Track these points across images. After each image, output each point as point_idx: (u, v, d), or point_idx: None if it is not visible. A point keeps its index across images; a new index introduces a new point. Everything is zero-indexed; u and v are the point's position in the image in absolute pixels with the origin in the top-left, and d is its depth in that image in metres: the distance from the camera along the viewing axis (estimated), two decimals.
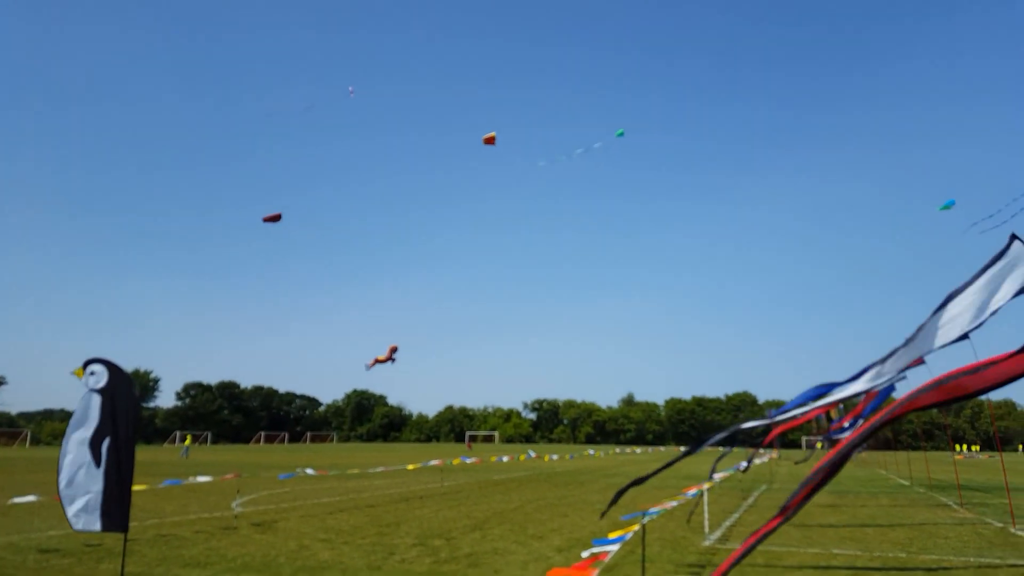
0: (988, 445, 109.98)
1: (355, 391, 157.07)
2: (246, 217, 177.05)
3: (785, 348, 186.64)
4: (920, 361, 14.92)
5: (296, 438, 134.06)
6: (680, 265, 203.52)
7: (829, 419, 21.81)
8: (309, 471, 19.60)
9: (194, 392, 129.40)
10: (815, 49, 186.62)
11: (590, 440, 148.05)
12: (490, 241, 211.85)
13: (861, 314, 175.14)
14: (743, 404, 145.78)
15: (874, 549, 10.41)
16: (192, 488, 19.55)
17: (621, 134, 23.33)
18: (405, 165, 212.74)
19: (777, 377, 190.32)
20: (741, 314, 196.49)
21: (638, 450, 70.74)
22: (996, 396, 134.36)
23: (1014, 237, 10.32)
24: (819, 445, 36.45)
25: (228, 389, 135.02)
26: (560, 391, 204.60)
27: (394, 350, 16.47)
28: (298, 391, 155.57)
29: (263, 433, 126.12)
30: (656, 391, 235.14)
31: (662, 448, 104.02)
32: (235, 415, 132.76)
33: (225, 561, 9.03)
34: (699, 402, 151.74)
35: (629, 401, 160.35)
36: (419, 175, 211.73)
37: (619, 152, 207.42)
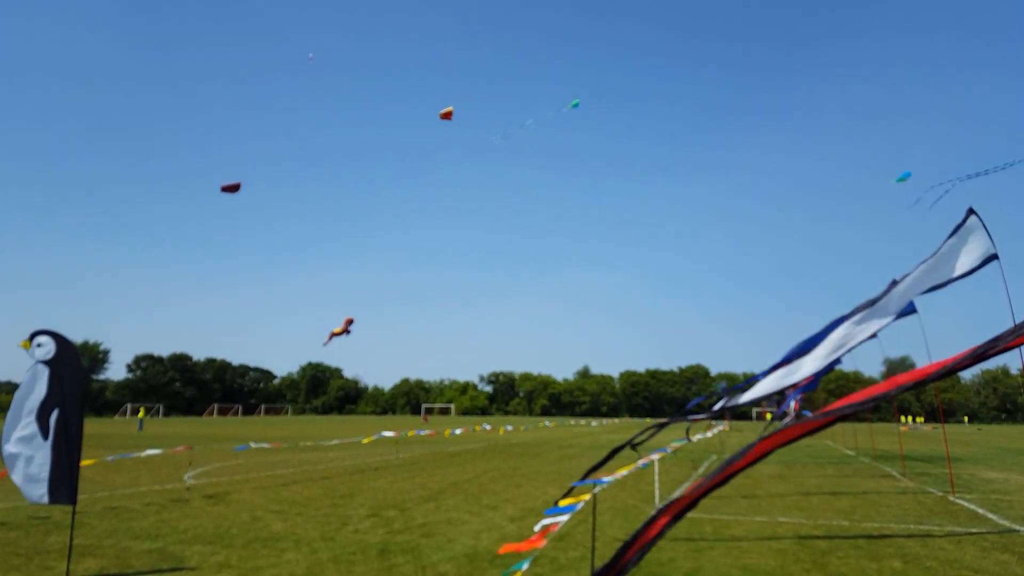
0: (932, 417, 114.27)
1: (310, 364, 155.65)
2: (198, 184, 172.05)
3: (736, 321, 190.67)
4: (873, 335, 15.33)
5: (250, 411, 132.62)
6: (636, 239, 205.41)
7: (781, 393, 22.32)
8: (264, 444, 19.38)
9: (145, 364, 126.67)
10: (773, 30, 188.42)
11: (546, 412, 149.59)
12: (447, 212, 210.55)
13: (811, 288, 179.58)
14: (696, 376, 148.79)
15: (818, 517, 10.70)
16: (143, 461, 19.12)
17: (576, 104, 23.16)
18: (363, 131, 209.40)
19: (728, 350, 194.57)
20: (695, 288, 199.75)
21: (593, 422, 71.70)
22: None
23: (971, 211, 10.60)
24: (767, 416, 37.54)
25: (180, 361, 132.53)
26: (517, 364, 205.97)
27: (350, 322, 16.25)
28: (252, 364, 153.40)
29: (216, 406, 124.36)
30: (611, 364, 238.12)
31: (616, 420, 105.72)
32: (188, 387, 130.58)
33: (176, 533, 8.87)
34: (653, 374, 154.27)
35: (585, 373, 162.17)
36: (376, 142, 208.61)
37: (579, 126, 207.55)
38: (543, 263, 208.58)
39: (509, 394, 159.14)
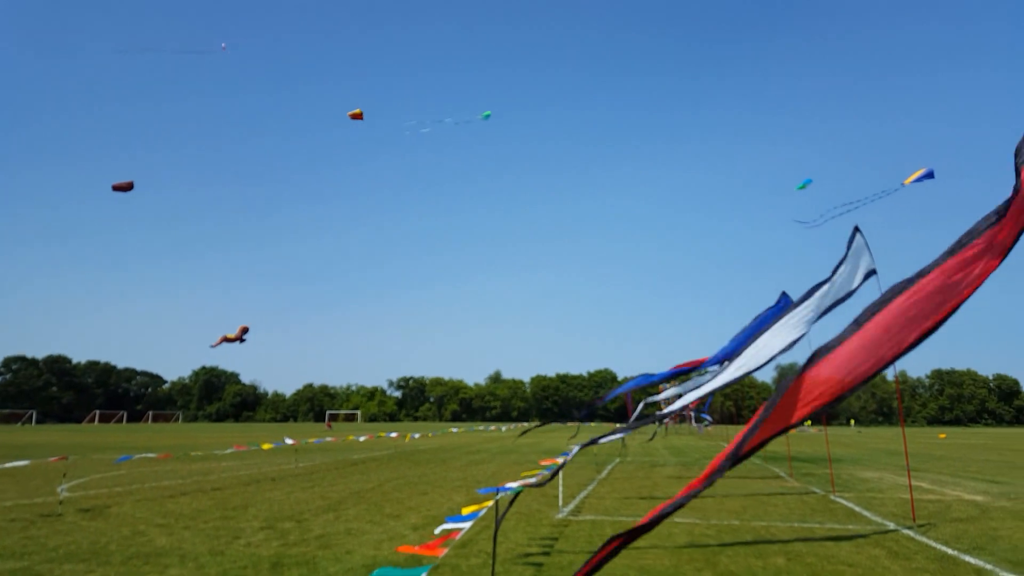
0: (817, 420, 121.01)
1: (203, 368, 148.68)
2: (82, 175, 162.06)
3: (642, 326, 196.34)
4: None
5: (136, 418, 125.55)
6: (549, 245, 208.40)
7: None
8: (149, 454, 18.35)
9: (16, 366, 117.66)
10: (679, 53, 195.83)
11: (456, 418, 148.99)
12: (355, 214, 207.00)
13: (715, 296, 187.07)
14: (604, 381, 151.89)
15: (711, 517, 11.11)
16: (8, 473, 17.76)
17: (487, 116, 23.27)
18: (265, 129, 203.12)
19: (634, 354, 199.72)
20: (603, 294, 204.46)
21: (503, 427, 71.97)
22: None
23: (856, 230, 11.32)
24: (665, 422, 38.74)
25: (57, 364, 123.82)
26: (427, 369, 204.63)
27: (244, 331, 15.62)
28: (139, 367, 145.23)
29: (98, 412, 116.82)
30: (522, 368, 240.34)
31: (526, 424, 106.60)
32: (65, 392, 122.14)
33: (45, 551, 8.24)
34: (563, 379, 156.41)
35: (496, 378, 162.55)
36: (279, 141, 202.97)
37: (493, 130, 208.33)
38: (456, 268, 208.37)
39: (419, 399, 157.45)
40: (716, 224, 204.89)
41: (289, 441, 21.44)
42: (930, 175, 14.52)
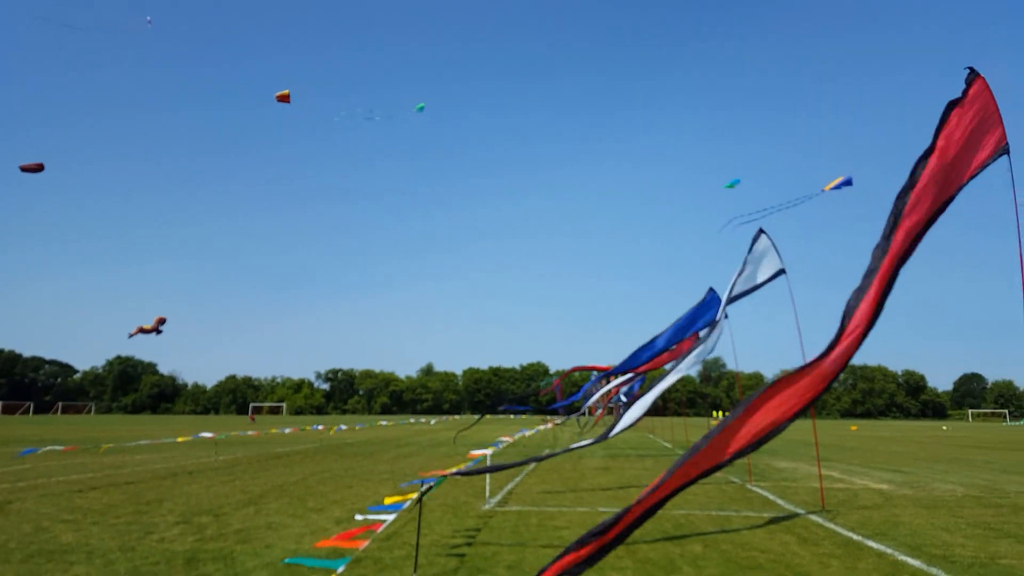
0: None
1: (118, 357, 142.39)
2: None
3: (574, 321, 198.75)
4: (696, 337, 16.54)
5: (45, 409, 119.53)
6: (479, 239, 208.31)
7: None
8: (56, 446, 17.47)
9: None
10: (623, 51, 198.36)
11: (386, 411, 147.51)
12: (284, 201, 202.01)
13: (648, 290, 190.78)
14: (536, 374, 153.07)
15: None
16: None
17: (421, 108, 23.08)
18: (188, 105, 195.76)
19: (566, 347, 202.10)
20: (536, 288, 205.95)
21: (432, 420, 71.71)
22: (746, 367, 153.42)
23: (761, 231, 11.79)
24: (589, 412, 39.31)
25: None
26: (356, 361, 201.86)
27: (161, 321, 15.10)
28: (48, 355, 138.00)
29: (1, 403, 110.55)
30: (455, 361, 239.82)
31: (457, 416, 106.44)
32: None
33: None
34: (495, 372, 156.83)
35: (428, 371, 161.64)
36: (202, 119, 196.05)
37: (427, 125, 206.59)
38: (389, 260, 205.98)
39: (348, 392, 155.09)
40: (651, 220, 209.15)
41: (207, 435, 20.76)
42: (848, 182, 15.19)
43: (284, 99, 16.95)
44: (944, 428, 71.88)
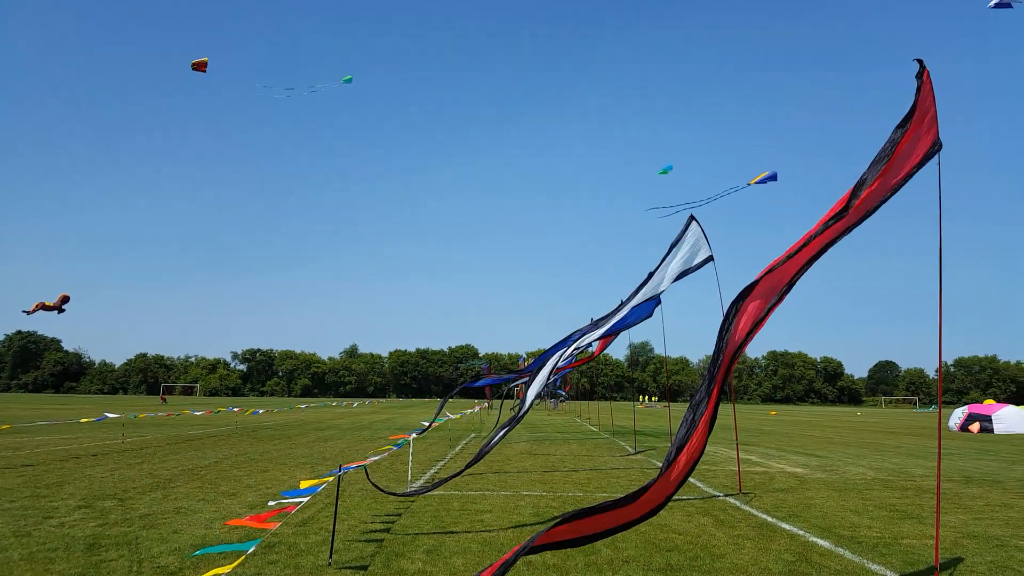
0: (665, 396, 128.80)
1: (18, 332, 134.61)
2: None
3: (503, 304, 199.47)
4: (613, 337, 16.65)
5: None
6: (410, 219, 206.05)
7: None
8: None
9: None
10: (541, 37, 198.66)
11: (307, 393, 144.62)
12: (199, 175, 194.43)
13: (572, 277, 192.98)
14: (465, 356, 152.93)
15: (558, 490, 11.39)
16: None
17: (349, 80, 22.49)
18: (92, 78, 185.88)
19: (495, 331, 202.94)
20: (464, 270, 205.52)
21: (355, 403, 70.68)
22: (672, 352, 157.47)
23: (692, 217, 11.94)
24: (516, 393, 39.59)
25: None
26: (276, 341, 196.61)
27: (65, 299, 14.24)
28: None
29: None
30: (380, 343, 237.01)
31: (382, 400, 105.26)
32: None
33: None
34: (423, 354, 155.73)
35: (352, 353, 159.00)
36: (104, 90, 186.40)
37: (358, 96, 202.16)
38: (312, 239, 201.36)
39: (267, 373, 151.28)
40: (580, 208, 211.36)
41: (113, 415, 19.73)
42: (773, 177, 15.60)
43: (200, 67, 16.15)
44: (858, 414, 75.66)
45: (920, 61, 5.27)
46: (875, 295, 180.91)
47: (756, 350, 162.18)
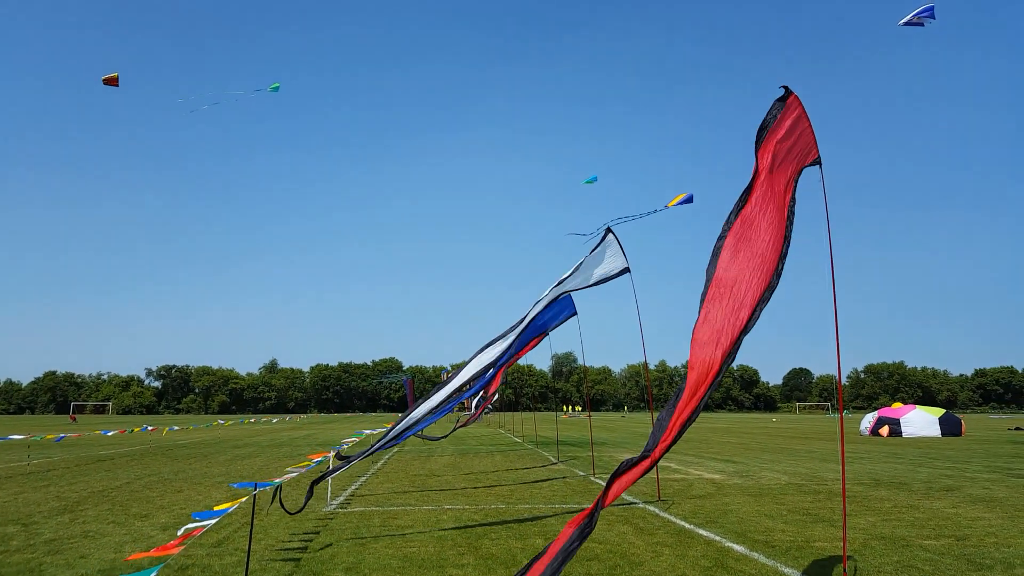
0: (585, 406, 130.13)
1: None
2: None
3: (427, 316, 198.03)
4: (544, 336, 16.83)
5: None
6: (329, 231, 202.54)
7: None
8: None
9: None
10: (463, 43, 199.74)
11: (225, 410, 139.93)
12: (107, 185, 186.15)
13: (494, 287, 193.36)
14: (389, 370, 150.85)
15: (480, 503, 11.42)
16: None
17: (276, 88, 22.10)
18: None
19: (421, 344, 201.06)
20: (387, 283, 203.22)
21: (274, 419, 68.76)
22: (593, 363, 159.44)
23: (609, 230, 12.25)
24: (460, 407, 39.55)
25: None
26: (192, 357, 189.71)
27: None
28: None
29: None
30: (301, 357, 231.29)
31: (303, 416, 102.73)
32: None
33: None
34: (345, 368, 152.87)
35: (272, 368, 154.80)
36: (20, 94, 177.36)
37: (273, 100, 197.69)
38: (227, 250, 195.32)
39: (183, 390, 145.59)
40: (503, 217, 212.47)
41: (18, 437, 18.68)
42: (689, 199, 16.15)
43: (112, 82, 15.77)
44: (774, 420, 78.32)
45: (786, 87, 5.63)
46: (789, 304, 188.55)
47: (675, 358, 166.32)
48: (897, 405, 39.01)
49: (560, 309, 13.74)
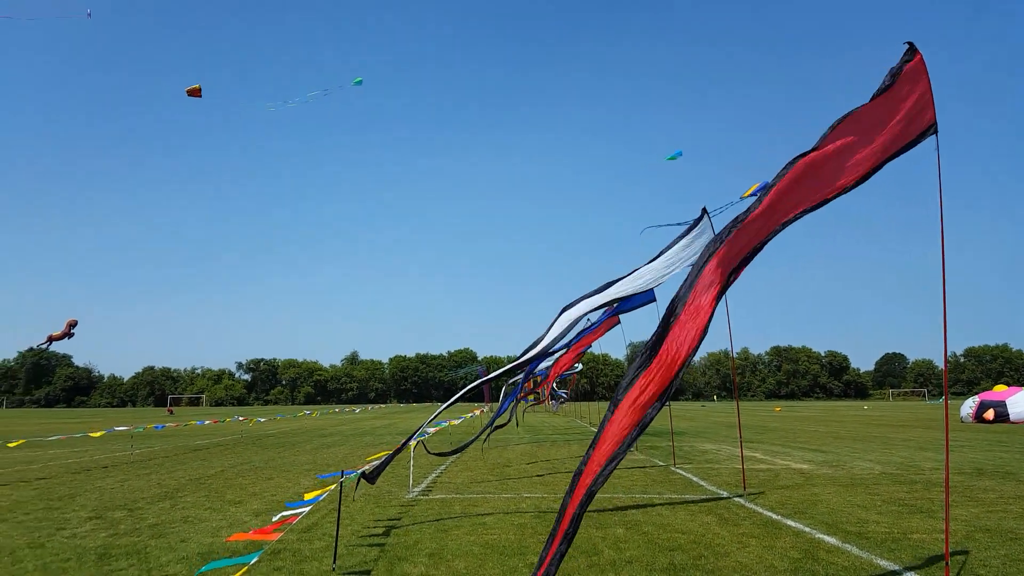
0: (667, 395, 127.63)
1: (31, 350, 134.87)
2: None
3: (501, 308, 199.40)
4: (617, 321, 16.58)
5: None
6: (405, 226, 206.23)
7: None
8: None
9: None
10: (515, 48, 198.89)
11: (310, 400, 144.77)
12: (201, 190, 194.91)
13: (566, 277, 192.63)
14: (464, 360, 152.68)
15: (559, 491, 11.40)
16: None
17: (359, 82, 22.56)
18: (102, 101, 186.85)
19: (493, 334, 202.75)
20: (460, 276, 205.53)
21: (357, 409, 70.70)
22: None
23: (704, 211, 11.89)
24: (531, 398, 39.63)
25: None
26: (279, 351, 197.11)
27: (72, 325, 14.52)
28: None
29: None
30: (380, 349, 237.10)
31: (383, 406, 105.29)
32: None
33: None
34: (423, 359, 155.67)
35: (353, 359, 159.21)
36: (114, 113, 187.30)
37: (357, 110, 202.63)
38: (312, 248, 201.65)
39: (270, 382, 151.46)
40: (576, 211, 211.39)
41: (122, 428, 19.86)
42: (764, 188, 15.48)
43: (195, 93, 16.68)
44: (865, 408, 75.00)
45: (911, 44, 5.26)
46: (880, 286, 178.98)
47: (759, 346, 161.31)
48: (1000, 388, 36.30)
49: (640, 297, 13.42)
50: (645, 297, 14.07)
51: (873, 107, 5.13)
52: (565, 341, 11.42)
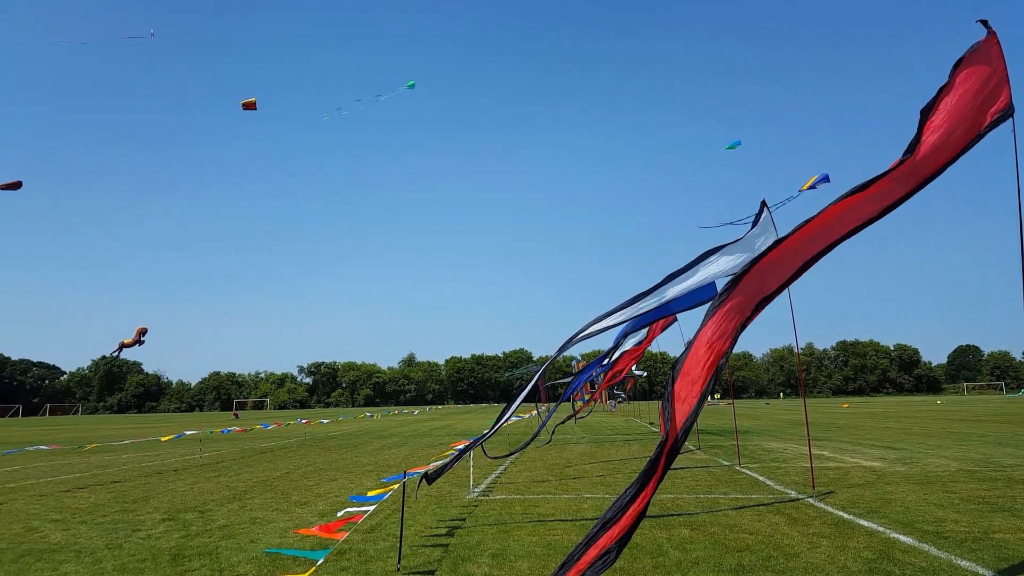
0: (728, 393, 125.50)
1: (103, 358, 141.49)
2: None
3: (554, 307, 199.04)
4: (673, 318, 16.29)
5: (33, 411, 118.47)
6: (458, 227, 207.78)
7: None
8: (42, 446, 17.25)
9: None
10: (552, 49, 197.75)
11: (370, 402, 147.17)
12: (257, 197, 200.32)
13: (621, 278, 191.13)
14: (520, 360, 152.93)
15: (620, 491, 11.25)
16: None
17: (411, 85, 22.77)
18: (162, 108, 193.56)
19: (548, 334, 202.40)
20: (516, 277, 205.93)
21: (415, 411, 71.53)
22: (736, 348, 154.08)
23: (764, 204, 11.63)
24: (586, 398, 39.43)
25: None
26: (339, 354, 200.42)
27: (143, 332, 15.04)
28: (35, 358, 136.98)
29: None
30: (437, 350, 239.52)
31: (440, 407, 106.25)
32: None
33: None
34: (478, 360, 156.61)
35: (410, 361, 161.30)
36: (174, 119, 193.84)
37: (405, 113, 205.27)
38: (369, 251, 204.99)
39: (331, 385, 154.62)
40: (634, 195, 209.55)
41: (190, 432, 20.52)
42: (825, 179, 14.97)
43: (250, 106, 17.21)
44: (939, 403, 71.98)
45: (985, 22, 5.03)
46: (951, 275, 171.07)
47: (824, 341, 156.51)
48: None
49: (700, 294, 13.13)
50: (708, 293, 13.78)
51: (949, 98, 4.93)
52: (620, 349, 11.29)
